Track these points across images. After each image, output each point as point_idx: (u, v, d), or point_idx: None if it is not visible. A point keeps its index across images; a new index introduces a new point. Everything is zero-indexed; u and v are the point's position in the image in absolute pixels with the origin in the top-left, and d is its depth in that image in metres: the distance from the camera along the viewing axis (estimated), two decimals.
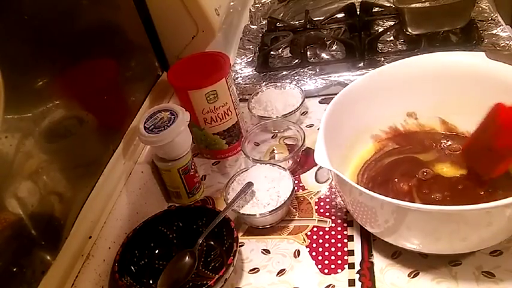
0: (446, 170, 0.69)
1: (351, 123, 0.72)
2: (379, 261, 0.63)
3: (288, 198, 0.69)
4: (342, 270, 0.63)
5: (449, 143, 0.73)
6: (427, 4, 0.96)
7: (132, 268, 0.65)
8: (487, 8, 1.01)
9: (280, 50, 1.09)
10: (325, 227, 0.69)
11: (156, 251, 0.69)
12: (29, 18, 0.57)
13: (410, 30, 0.95)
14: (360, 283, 0.61)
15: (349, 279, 0.62)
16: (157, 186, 0.78)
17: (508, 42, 0.91)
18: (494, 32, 0.94)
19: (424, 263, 0.61)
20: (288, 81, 0.95)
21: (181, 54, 0.91)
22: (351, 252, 0.65)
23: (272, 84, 0.94)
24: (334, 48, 1.05)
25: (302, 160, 0.81)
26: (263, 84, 0.95)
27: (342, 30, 1.10)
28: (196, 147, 0.87)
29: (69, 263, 0.58)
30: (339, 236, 0.67)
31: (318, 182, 0.77)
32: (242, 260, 0.68)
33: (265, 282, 0.64)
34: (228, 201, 0.70)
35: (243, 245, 0.70)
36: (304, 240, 0.68)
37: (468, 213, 0.51)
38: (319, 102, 0.93)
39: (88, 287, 0.59)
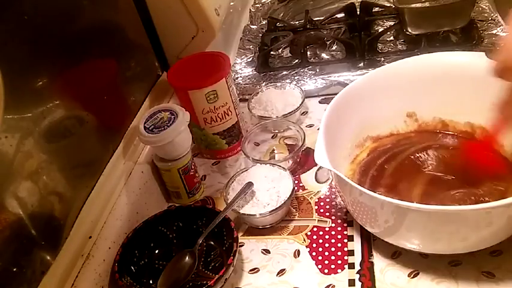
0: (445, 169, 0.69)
1: (351, 123, 0.72)
2: (379, 261, 0.63)
3: (288, 198, 0.69)
4: (342, 270, 0.63)
5: (449, 143, 0.73)
6: (427, 4, 0.95)
7: (132, 268, 0.65)
8: (487, 8, 1.01)
9: (280, 50, 1.09)
10: (325, 227, 0.69)
11: (156, 251, 0.69)
12: (29, 18, 0.57)
13: (410, 30, 0.95)
14: (360, 283, 0.61)
15: (349, 279, 0.62)
16: (157, 186, 0.78)
17: None
18: (494, 32, 0.94)
19: (424, 263, 0.61)
20: (288, 81, 0.95)
21: (181, 54, 0.91)
22: (351, 252, 0.65)
23: (272, 84, 0.94)
24: (334, 48, 1.05)
25: (302, 160, 0.81)
26: (263, 84, 0.95)
27: (342, 30, 1.10)
28: (196, 147, 0.87)
29: (69, 263, 0.58)
30: (339, 236, 0.67)
31: (318, 182, 0.77)
32: (242, 260, 0.68)
33: (265, 282, 0.64)
34: (228, 201, 0.70)
35: (243, 245, 0.70)
36: (304, 240, 0.68)
37: (468, 213, 0.51)
38: (319, 102, 0.93)
39: (88, 287, 0.59)
